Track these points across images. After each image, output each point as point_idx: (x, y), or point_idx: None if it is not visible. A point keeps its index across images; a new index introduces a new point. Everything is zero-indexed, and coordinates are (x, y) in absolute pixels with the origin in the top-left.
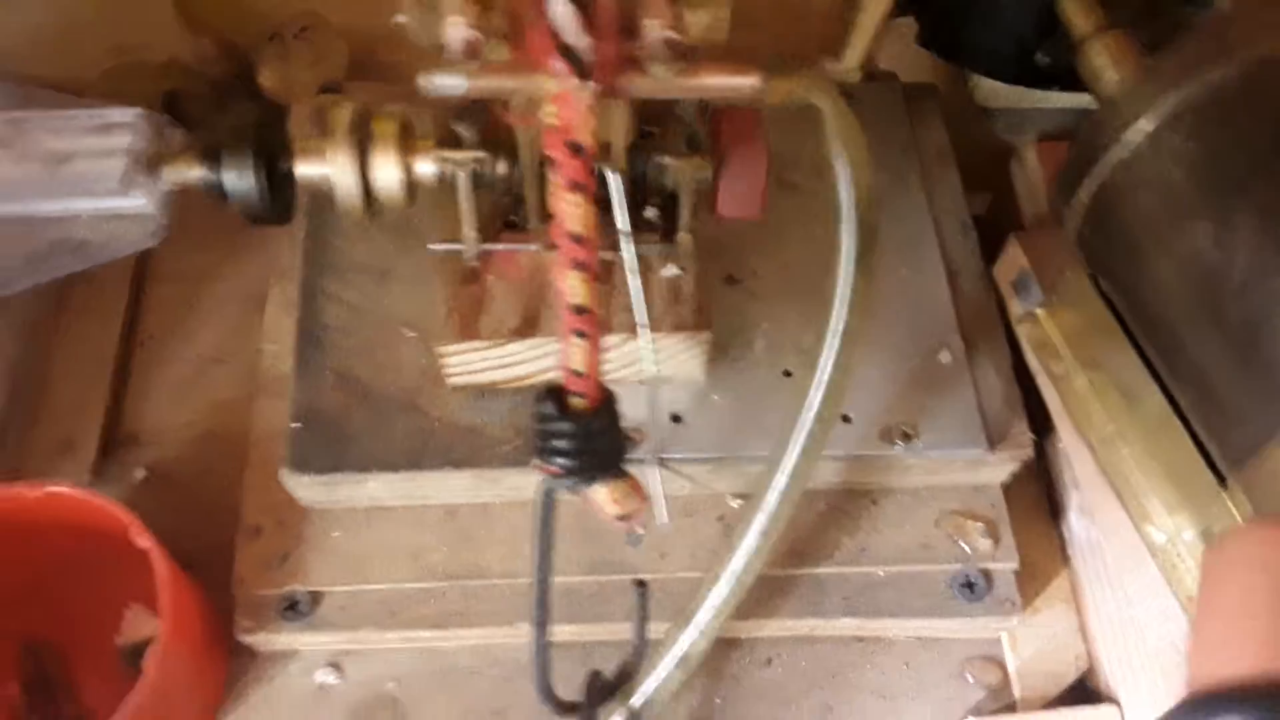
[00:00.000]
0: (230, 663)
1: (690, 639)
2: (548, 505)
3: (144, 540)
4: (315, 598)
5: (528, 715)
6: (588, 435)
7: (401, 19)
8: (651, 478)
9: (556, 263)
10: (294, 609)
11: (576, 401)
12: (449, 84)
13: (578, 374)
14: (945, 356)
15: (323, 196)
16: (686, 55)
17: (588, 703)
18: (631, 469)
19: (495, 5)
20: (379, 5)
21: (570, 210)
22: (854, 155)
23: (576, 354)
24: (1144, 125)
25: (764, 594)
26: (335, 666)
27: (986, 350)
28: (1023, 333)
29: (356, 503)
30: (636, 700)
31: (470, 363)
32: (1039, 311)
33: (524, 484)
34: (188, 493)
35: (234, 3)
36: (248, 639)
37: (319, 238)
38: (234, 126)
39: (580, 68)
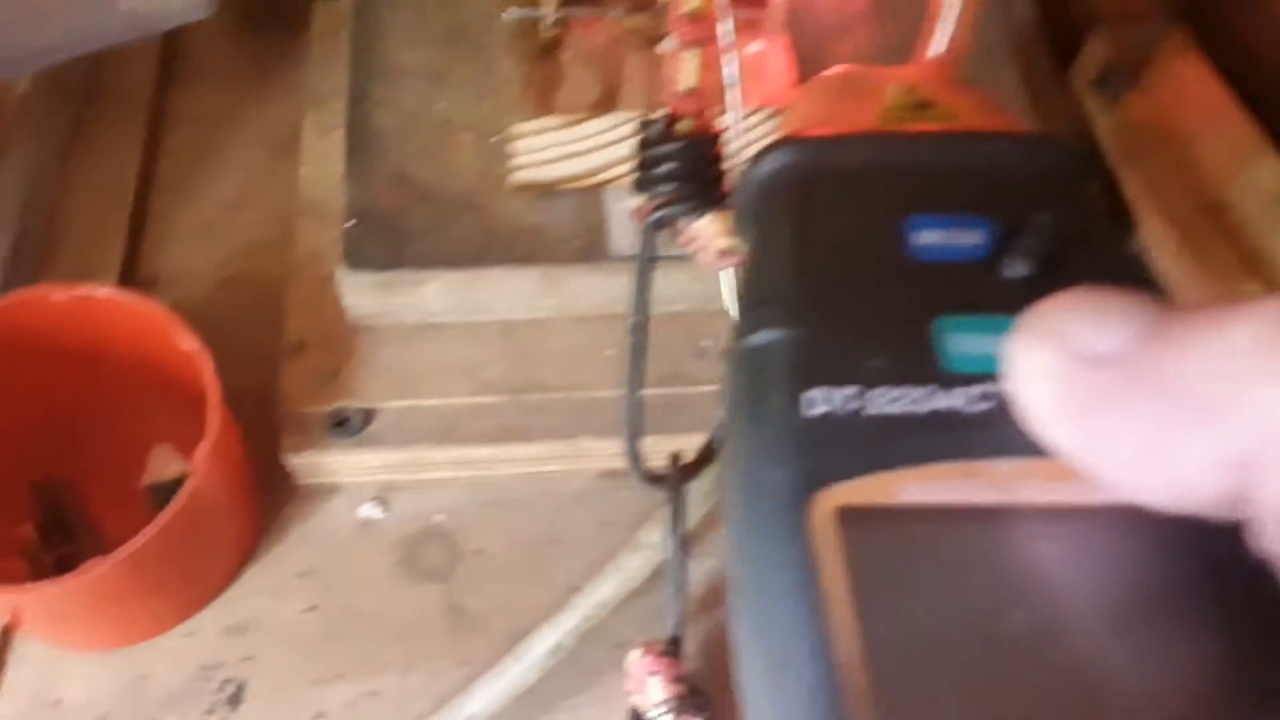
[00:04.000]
0: (264, 502)
1: None
2: (649, 244)
3: (189, 342)
4: (366, 415)
5: (583, 544)
6: (697, 160)
7: None
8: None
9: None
10: (343, 425)
11: (684, 126)
12: None
13: (689, 92)
14: None
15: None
16: None
17: (675, 476)
18: None
19: None
20: None
21: None
22: None
23: (690, 68)
24: None
25: None
26: (380, 501)
27: None
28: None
29: (407, 316)
30: None
31: (540, 148)
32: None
33: (590, 287)
34: (213, 337)
35: None
36: (294, 460)
37: (365, 42)
38: None
39: None
